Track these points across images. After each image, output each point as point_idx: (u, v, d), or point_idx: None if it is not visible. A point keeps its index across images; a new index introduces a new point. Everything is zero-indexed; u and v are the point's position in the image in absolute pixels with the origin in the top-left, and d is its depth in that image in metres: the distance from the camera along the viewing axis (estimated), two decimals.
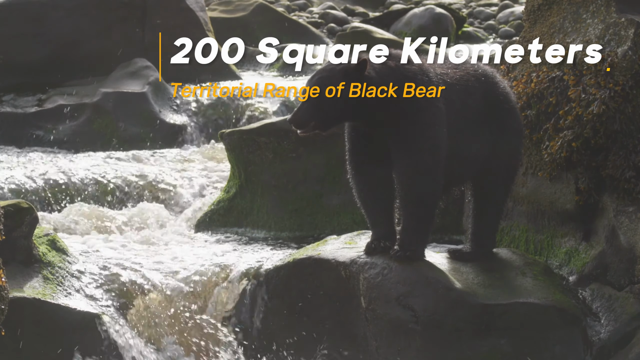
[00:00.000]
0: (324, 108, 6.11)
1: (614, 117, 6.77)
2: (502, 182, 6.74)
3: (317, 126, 6.13)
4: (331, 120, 6.16)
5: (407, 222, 6.39)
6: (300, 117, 6.10)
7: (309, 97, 6.11)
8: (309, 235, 8.64)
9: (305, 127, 6.11)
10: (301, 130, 6.12)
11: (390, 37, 16.27)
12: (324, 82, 6.12)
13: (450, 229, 8.34)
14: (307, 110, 6.11)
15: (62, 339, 6.54)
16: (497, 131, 6.63)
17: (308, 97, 6.12)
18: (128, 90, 12.02)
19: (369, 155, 6.39)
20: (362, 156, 6.41)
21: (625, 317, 6.47)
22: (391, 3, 23.30)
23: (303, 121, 6.10)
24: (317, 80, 6.14)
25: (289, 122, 6.12)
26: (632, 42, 6.85)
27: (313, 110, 6.11)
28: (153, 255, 7.51)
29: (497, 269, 6.63)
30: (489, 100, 6.62)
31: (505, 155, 6.69)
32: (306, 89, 6.14)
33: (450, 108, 6.38)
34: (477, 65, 6.75)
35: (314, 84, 6.13)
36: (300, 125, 6.11)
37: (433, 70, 6.41)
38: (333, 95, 6.11)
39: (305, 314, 6.71)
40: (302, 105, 6.12)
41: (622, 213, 6.66)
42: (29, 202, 7.05)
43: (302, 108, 6.11)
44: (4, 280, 6.07)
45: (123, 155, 10.87)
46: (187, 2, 13.14)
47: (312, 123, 6.11)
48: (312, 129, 6.13)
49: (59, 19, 12.79)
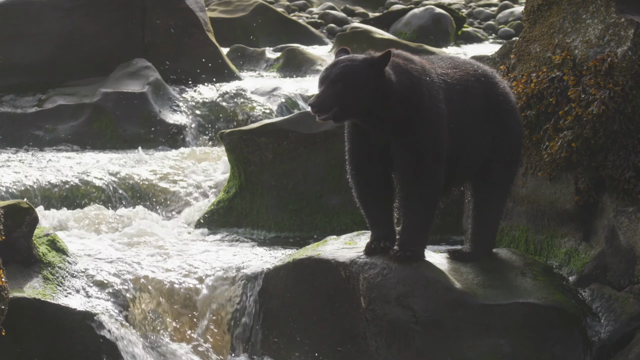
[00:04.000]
0: (348, 96, 6.07)
1: (613, 117, 6.77)
2: (502, 183, 6.74)
3: (336, 113, 6.06)
4: (352, 109, 6.11)
5: (408, 222, 6.39)
6: (323, 102, 6.03)
7: (331, 83, 6.06)
8: (308, 236, 8.64)
9: (327, 112, 6.06)
10: (322, 115, 6.08)
11: (390, 38, 16.27)
12: (350, 70, 6.08)
13: (450, 229, 8.35)
14: (330, 96, 6.04)
15: (62, 339, 6.54)
16: (497, 131, 6.63)
17: (331, 84, 6.06)
18: (128, 90, 12.02)
19: (369, 156, 6.39)
20: (363, 156, 6.41)
21: (625, 317, 6.47)
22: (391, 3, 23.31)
23: (325, 106, 6.04)
24: (342, 68, 6.09)
25: (309, 104, 6.03)
26: (632, 42, 6.85)
27: (336, 97, 6.05)
28: (153, 255, 7.51)
29: (497, 269, 6.63)
30: (489, 100, 6.62)
31: (505, 156, 6.70)
32: (327, 76, 6.08)
33: (451, 108, 6.39)
34: (477, 65, 6.76)
35: (339, 71, 6.08)
36: (322, 110, 6.04)
37: (434, 71, 6.42)
38: (359, 84, 6.09)
39: (305, 314, 6.71)
40: (325, 91, 6.04)
41: (621, 213, 6.66)
42: (29, 202, 7.06)
43: (325, 93, 6.04)
44: (4, 280, 6.07)
45: (123, 155, 10.87)
46: (187, 2, 13.14)
47: (335, 109, 6.06)
48: (331, 116, 6.08)
49: (59, 19, 12.79)
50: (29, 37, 12.67)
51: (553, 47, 7.26)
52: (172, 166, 10.28)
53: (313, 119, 8.85)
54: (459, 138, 6.43)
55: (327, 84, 6.08)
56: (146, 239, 8.21)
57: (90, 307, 6.68)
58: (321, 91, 6.06)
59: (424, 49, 13.87)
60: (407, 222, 6.40)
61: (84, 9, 12.84)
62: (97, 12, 12.84)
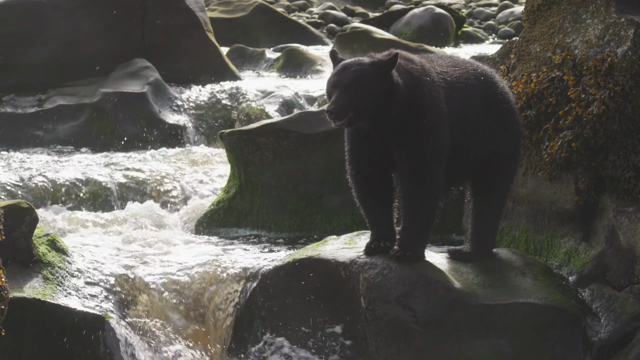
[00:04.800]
0: (362, 101, 6.06)
1: (613, 117, 6.77)
2: (501, 182, 6.74)
3: (351, 118, 6.06)
4: (366, 113, 6.10)
5: (408, 222, 6.39)
6: (340, 108, 6.02)
7: (345, 89, 6.04)
8: (308, 236, 8.64)
9: (344, 118, 6.05)
10: (339, 121, 6.06)
11: (390, 38, 16.27)
12: (361, 74, 6.07)
13: (450, 229, 8.35)
14: (346, 101, 6.03)
15: (62, 339, 6.54)
16: (497, 131, 6.63)
17: (345, 89, 6.04)
18: (128, 90, 12.01)
19: (370, 156, 6.39)
20: (363, 157, 6.41)
21: (625, 317, 6.48)
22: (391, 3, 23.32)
23: (342, 112, 6.03)
24: (354, 73, 6.08)
25: (327, 111, 6.01)
26: (632, 42, 6.85)
27: (351, 102, 6.04)
28: (153, 255, 7.52)
29: (497, 269, 6.63)
30: (488, 100, 6.62)
31: (505, 155, 6.69)
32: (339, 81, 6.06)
33: (451, 106, 6.38)
34: (477, 64, 6.75)
35: (352, 76, 6.07)
36: (339, 116, 6.03)
37: (434, 70, 6.42)
38: (371, 88, 6.08)
39: (305, 314, 6.71)
40: (340, 97, 6.03)
41: (622, 213, 6.66)
42: (29, 202, 7.05)
43: (341, 99, 6.03)
44: (4, 280, 6.07)
45: (123, 155, 10.87)
46: (187, 2, 13.14)
47: (350, 114, 6.06)
48: (347, 122, 6.08)
49: (59, 19, 12.78)
50: (29, 37, 12.67)
51: (553, 47, 7.27)
52: (172, 166, 10.28)
53: (313, 119, 8.91)
54: (460, 137, 6.42)
55: (341, 89, 6.06)
56: (146, 239, 8.21)
57: (90, 307, 6.68)
58: (336, 97, 6.04)
59: (424, 49, 13.86)
60: (407, 222, 6.39)
61: (84, 9, 12.83)
62: (97, 12, 12.83)
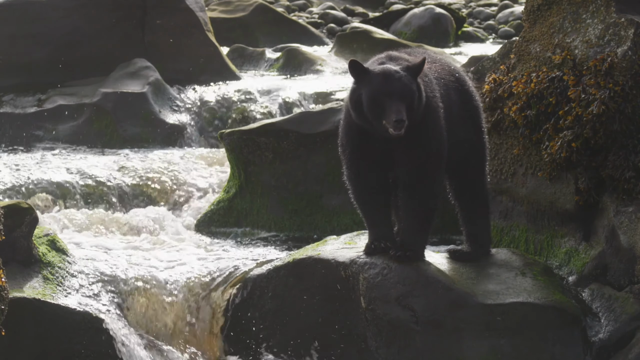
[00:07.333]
0: (414, 109, 6.12)
1: (613, 117, 6.77)
2: (481, 179, 6.78)
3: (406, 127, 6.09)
4: (413, 120, 6.15)
5: (409, 222, 6.39)
6: (404, 119, 6.04)
7: (402, 99, 6.06)
8: (308, 236, 8.64)
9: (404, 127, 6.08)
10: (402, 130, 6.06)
11: (390, 38, 16.26)
12: (409, 82, 6.11)
13: (450, 229, 8.34)
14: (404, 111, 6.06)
15: (62, 339, 6.54)
16: (471, 128, 6.68)
17: (402, 99, 6.06)
18: (128, 91, 12.01)
19: (370, 158, 6.38)
20: (363, 159, 6.40)
21: (625, 317, 6.48)
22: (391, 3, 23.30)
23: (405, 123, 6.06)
24: (404, 82, 6.10)
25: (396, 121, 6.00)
26: (631, 42, 6.85)
27: (408, 111, 6.09)
28: (152, 255, 7.52)
29: (497, 269, 6.63)
30: (463, 95, 6.68)
31: (479, 151, 6.73)
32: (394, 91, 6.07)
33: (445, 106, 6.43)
34: (448, 61, 6.81)
35: (404, 85, 6.09)
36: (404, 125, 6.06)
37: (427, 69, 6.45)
38: (417, 95, 6.14)
39: (304, 314, 6.71)
40: (401, 106, 6.05)
41: (622, 213, 6.67)
42: (29, 202, 7.05)
43: (402, 108, 6.05)
44: (4, 280, 6.07)
45: (123, 155, 10.87)
46: (187, 2, 13.13)
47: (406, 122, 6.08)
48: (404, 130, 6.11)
49: (59, 19, 12.78)
50: (29, 37, 12.67)
51: (553, 47, 7.27)
52: (172, 166, 10.28)
53: (313, 119, 8.92)
54: (449, 133, 6.44)
55: (399, 99, 6.07)
56: (146, 239, 8.22)
57: (90, 307, 6.68)
58: (398, 106, 6.03)
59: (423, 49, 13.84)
60: (407, 222, 6.40)
61: (83, 9, 12.83)
62: (97, 12, 12.83)
